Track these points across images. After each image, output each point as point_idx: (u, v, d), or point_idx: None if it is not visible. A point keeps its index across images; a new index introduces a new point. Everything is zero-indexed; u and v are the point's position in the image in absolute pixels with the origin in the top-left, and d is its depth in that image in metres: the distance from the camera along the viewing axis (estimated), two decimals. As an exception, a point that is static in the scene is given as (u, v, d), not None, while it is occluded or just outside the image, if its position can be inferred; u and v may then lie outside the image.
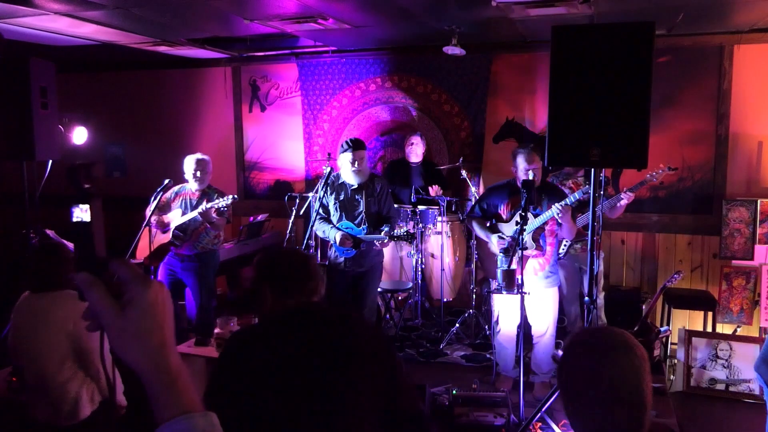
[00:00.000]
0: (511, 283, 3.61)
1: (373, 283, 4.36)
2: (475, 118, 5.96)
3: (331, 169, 4.29)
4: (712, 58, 5.24)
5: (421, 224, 5.28)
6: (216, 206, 4.37)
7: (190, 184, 4.62)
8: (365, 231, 4.19)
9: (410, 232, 4.12)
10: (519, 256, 3.57)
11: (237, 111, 6.78)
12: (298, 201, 5.25)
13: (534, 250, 3.97)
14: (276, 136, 6.70)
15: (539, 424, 3.53)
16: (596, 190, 3.29)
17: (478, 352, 4.90)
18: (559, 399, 1.55)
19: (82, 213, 0.86)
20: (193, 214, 4.45)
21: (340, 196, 4.26)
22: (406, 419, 1.80)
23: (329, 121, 6.45)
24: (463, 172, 5.22)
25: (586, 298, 3.37)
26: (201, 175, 4.57)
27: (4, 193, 5.39)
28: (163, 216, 4.62)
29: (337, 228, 4.21)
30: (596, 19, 4.51)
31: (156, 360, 0.79)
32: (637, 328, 4.07)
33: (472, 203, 5.08)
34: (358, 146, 4.15)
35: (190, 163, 4.59)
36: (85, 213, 0.85)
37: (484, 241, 4.15)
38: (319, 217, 4.27)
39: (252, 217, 6.21)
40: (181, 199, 4.64)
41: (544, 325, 4.03)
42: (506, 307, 4.02)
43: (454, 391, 3.70)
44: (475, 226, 4.19)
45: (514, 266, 3.60)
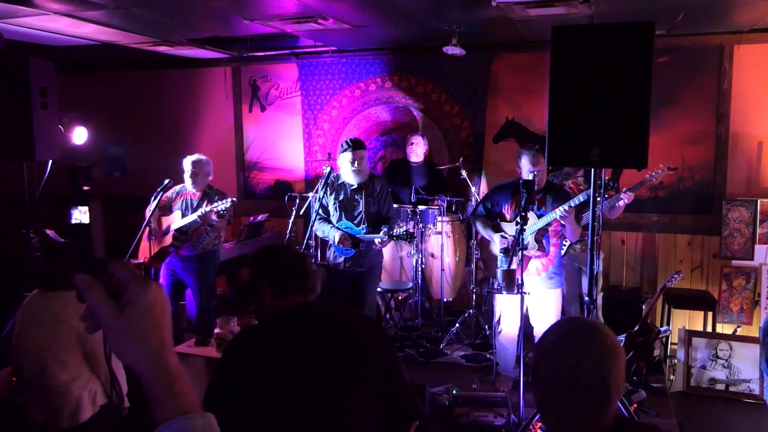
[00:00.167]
0: (511, 283, 3.61)
1: (372, 284, 4.37)
2: (475, 118, 5.95)
3: (330, 169, 4.29)
4: (712, 58, 5.24)
5: (421, 224, 5.28)
6: (215, 209, 4.36)
7: (187, 185, 4.62)
8: (364, 231, 4.19)
9: (410, 232, 4.12)
10: (519, 256, 3.57)
11: (237, 111, 6.78)
12: (298, 201, 5.24)
13: (536, 251, 3.97)
14: (276, 136, 6.70)
15: (539, 424, 3.53)
16: (596, 191, 3.29)
17: (478, 352, 4.90)
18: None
19: (80, 215, 0.86)
20: (193, 217, 4.45)
21: (340, 196, 4.26)
22: (405, 418, 1.80)
23: (329, 121, 6.45)
24: (463, 172, 5.21)
25: (586, 298, 3.37)
26: (197, 176, 4.56)
27: (4, 193, 5.39)
28: (162, 218, 4.62)
29: (336, 228, 4.21)
30: (596, 19, 4.51)
31: (155, 361, 0.79)
32: (637, 328, 4.06)
33: (476, 202, 5.09)
34: (357, 146, 4.15)
35: (186, 164, 4.59)
36: (84, 215, 0.85)
37: (487, 240, 4.15)
38: (319, 217, 4.27)
39: (252, 217, 6.21)
40: (182, 200, 4.63)
41: (546, 325, 4.01)
42: (508, 308, 4.02)
43: (454, 391, 3.70)
44: (479, 226, 4.19)
45: (514, 266, 3.60)
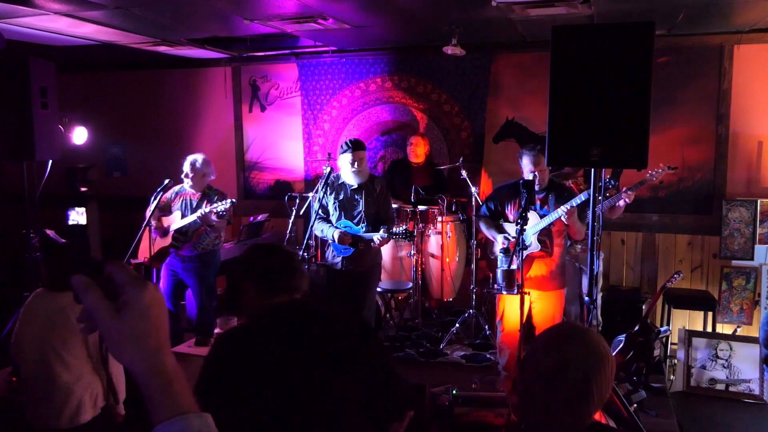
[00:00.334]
0: (511, 283, 3.61)
1: (371, 284, 4.36)
2: (475, 118, 5.95)
3: (330, 169, 4.29)
4: (712, 58, 5.24)
5: (421, 224, 5.28)
6: (215, 210, 4.35)
7: (186, 185, 4.61)
8: (363, 230, 4.19)
9: (409, 230, 4.11)
10: (519, 256, 3.56)
11: (237, 111, 6.78)
12: (298, 201, 5.24)
13: (539, 251, 3.96)
14: (276, 136, 6.69)
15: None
16: (596, 191, 3.29)
17: (478, 352, 4.90)
18: None
19: (78, 216, 0.86)
20: (192, 217, 4.44)
21: (340, 196, 4.26)
22: (399, 408, 1.80)
23: (329, 121, 6.45)
24: (463, 172, 5.21)
25: (586, 298, 3.36)
26: (195, 176, 4.55)
27: (4, 193, 5.39)
28: (162, 218, 4.61)
29: (335, 227, 4.21)
30: (596, 19, 4.51)
31: (152, 362, 0.79)
32: (637, 328, 4.06)
33: (475, 202, 5.09)
34: (357, 147, 4.16)
35: (185, 164, 4.57)
36: (81, 216, 0.86)
37: (492, 241, 4.14)
38: (319, 217, 4.27)
39: (252, 217, 6.21)
40: (182, 200, 4.63)
41: (549, 325, 4.01)
42: (510, 307, 4.01)
43: (454, 391, 3.70)
44: (482, 226, 4.18)
45: (514, 266, 3.59)
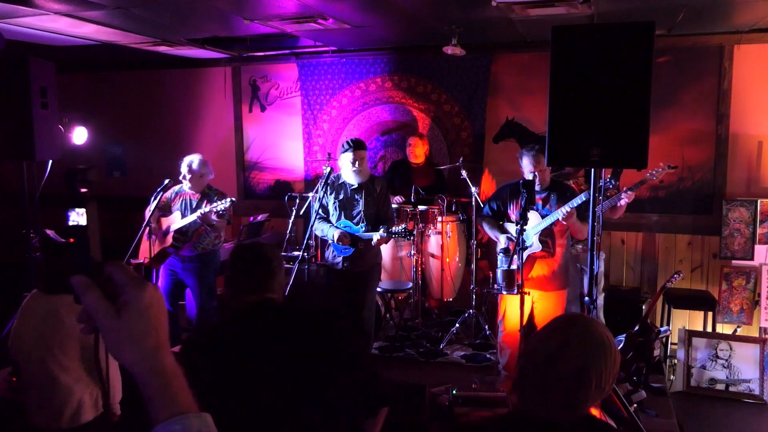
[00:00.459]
0: (511, 283, 3.61)
1: (371, 284, 4.36)
2: (475, 118, 5.95)
3: (331, 169, 4.29)
4: (712, 58, 5.24)
5: (421, 224, 5.27)
6: (215, 209, 4.35)
7: (184, 186, 4.61)
8: (363, 229, 4.19)
9: (408, 229, 4.11)
10: (520, 257, 3.56)
11: (237, 111, 6.78)
12: (298, 201, 5.25)
13: (540, 251, 3.96)
14: (276, 136, 6.69)
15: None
16: (596, 190, 3.29)
17: (478, 352, 4.90)
18: None
19: (78, 216, 0.86)
20: (192, 217, 4.44)
21: (340, 195, 4.26)
22: (372, 405, 1.80)
23: (329, 121, 6.45)
24: (463, 172, 5.21)
25: (586, 298, 3.36)
26: (193, 177, 4.53)
27: (4, 193, 5.39)
28: (162, 219, 4.61)
29: (335, 226, 4.21)
30: (596, 19, 4.51)
31: (151, 362, 0.80)
32: (637, 328, 4.06)
33: (475, 202, 5.09)
34: (358, 146, 4.16)
35: (182, 165, 4.56)
36: (81, 216, 0.86)
37: (495, 241, 4.14)
38: (319, 217, 4.27)
39: (252, 217, 6.21)
40: (181, 200, 4.62)
41: None
42: (511, 307, 4.01)
43: (454, 391, 3.70)
44: (485, 226, 4.19)
45: (514, 267, 3.59)
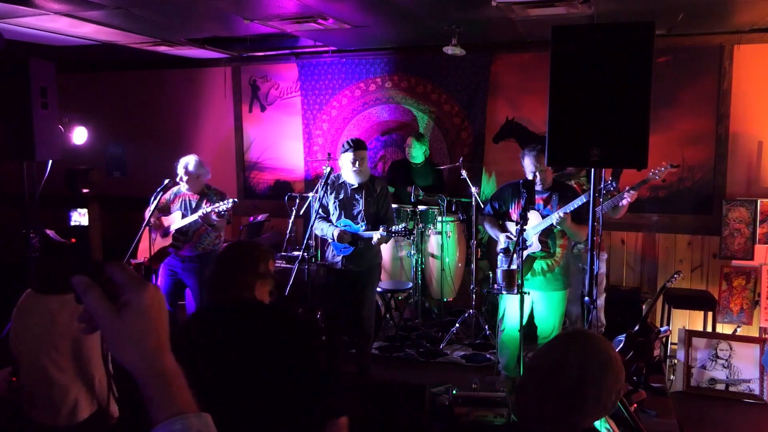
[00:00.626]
0: (511, 283, 3.60)
1: (371, 284, 4.36)
2: (475, 118, 5.95)
3: (331, 169, 4.29)
4: (712, 58, 5.24)
5: (421, 224, 5.27)
6: (216, 209, 4.35)
7: (182, 187, 4.61)
8: (363, 228, 4.19)
9: (408, 228, 4.11)
10: (520, 256, 3.56)
11: (237, 111, 6.78)
12: (298, 201, 5.25)
13: (540, 251, 3.96)
14: (276, 136, 6.69)
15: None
16: (596, 190, 3.29)
17: (478, 352, 4.90)
18: None
19: (79, 217, 0.86)
20: (194, 217, 4.44)
21: (340, 195, 4.26)
22: (330, 411, 1.80)
23: (329, 121, 6.45)
24: (463, 172, 5.21)
25: (586, 299, 3.36)
26: (190, 178, 4.52)
27: (4, 193, 5.39)
28: (162, 219, 4.61)
29: (335, 226, 4.22)
30: (596, 19, 4.51)
31: (151, 362, 0.80)
32: (637, 328, 4.06)
33: (475, 202, 5.09)
34: (359, 146, 4.16)
35: (179, 167, 4.55)
36: (83, 217, 0.86)
37: (496, 240, 4.14)
38: (319, 217, 4.27)
39: (252, 217, 6.21)
40: (181, 201, 4.62)
41: (550, 326, 4.02)
42: (512, 306, 4.01)
43: (454, 391, 3.70)
44: (486, 225, 4.19)
45: (514, 266, 3.59)
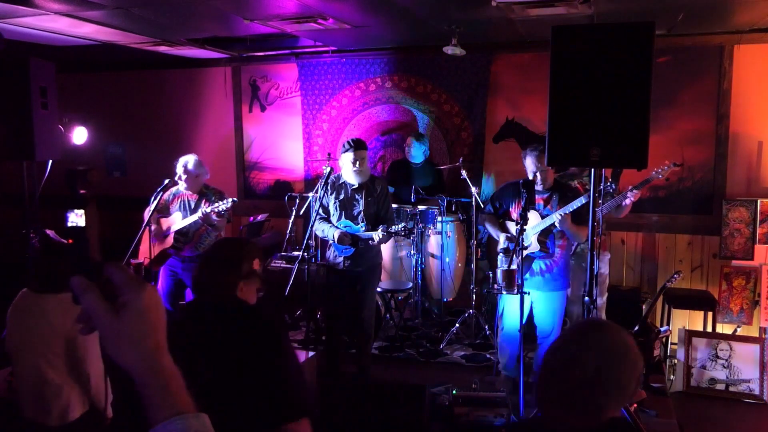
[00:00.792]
0: (511, 283, 3.60)
1: (371, 284, 4.36)
2: (475, 118, 5.95)
3: (331, 169, 4.29)
4: (712, 58, 5.24)
5: (421, 224, 5.27)
6: (216, 209, 4.36)
7: (180, 187, 4.61)
8: (363, 228, 4.19)
9: (407, 228, 4.11)
10: (519, 256, 3.56)
11: (237, 111, 6.78)
12: (298, 201, 5.25)
13: (539, 251, 3.96)
14: (276, 136, 6.69)
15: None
16: (596, 191, 3.29)
17: (478, 352, 4.90)
18: None
19: (77, 218, 0.86)
20: (194, 217, 4.44)
21: (340, 195, 4.26)
22: (285, 414, 1.79)
23: (329, 121, 6.45)
24: (463, 172, 5.21)
25: (586, 298, 3.36)
26: (188, 178, 4.52)
27: (4, 193, 5.39)
28: (162, 220, 4.61)
29: (335, 226, 4.22)
30: (596, 19, 4.51)
31: (150, 362, 0.80)
32: (637, 328, 4.06)
33: (475, 202, 5.09)
34: (359, 146, 4.16)
35: (177, 167, 4.54)
36: (80, 218, 0.86)
37: (496, 240, 4.14)
38: (319, 217, 4.27)
39: (252, 217, 6.22)
40: (180, 201, 4.62)
41: (549, 326, 4.02)
42: (512, 306, 4.01)
43: (454, 391, 3.70)
44: (487, 225, 4.19)
45: (513, 266, 3.59)
